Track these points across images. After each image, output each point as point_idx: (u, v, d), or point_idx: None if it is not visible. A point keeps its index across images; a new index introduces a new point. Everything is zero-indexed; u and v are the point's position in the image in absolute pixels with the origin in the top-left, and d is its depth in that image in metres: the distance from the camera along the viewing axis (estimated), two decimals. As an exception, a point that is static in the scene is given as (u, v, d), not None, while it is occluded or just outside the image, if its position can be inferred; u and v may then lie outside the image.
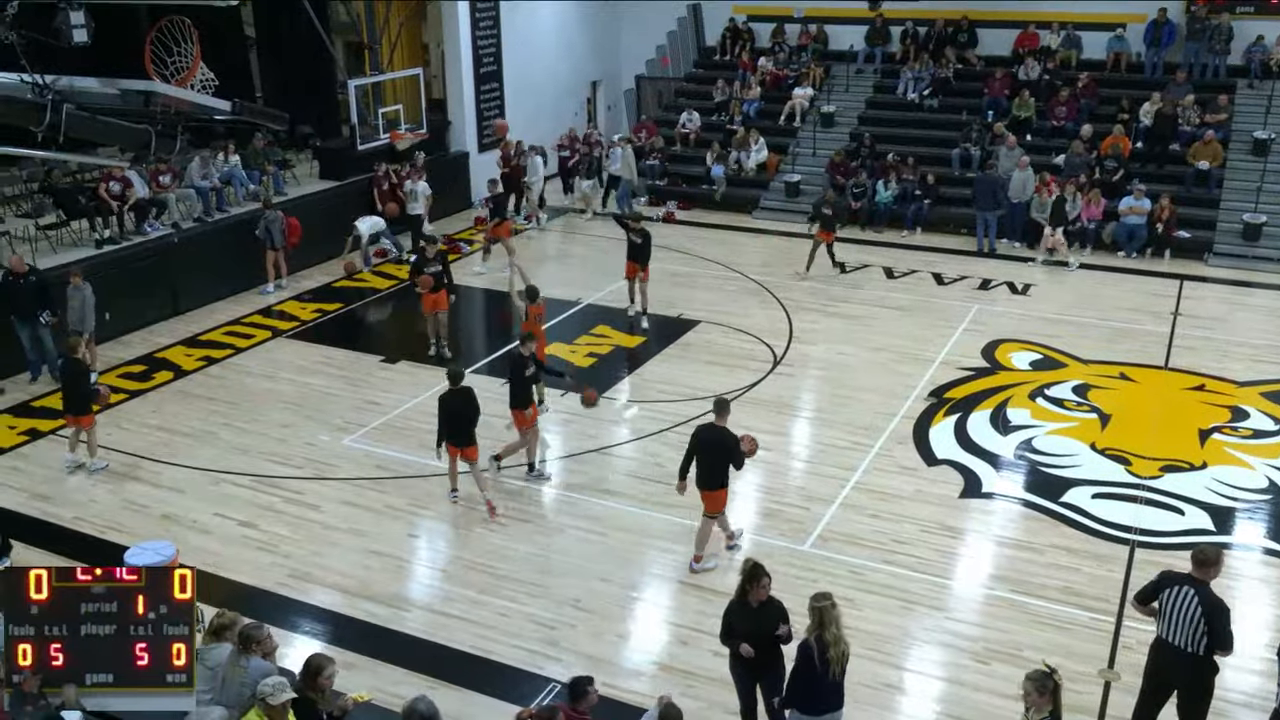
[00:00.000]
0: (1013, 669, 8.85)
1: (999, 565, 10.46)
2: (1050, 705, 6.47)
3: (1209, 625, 7.23)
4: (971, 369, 14.88)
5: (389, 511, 11.42)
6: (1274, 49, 22.38)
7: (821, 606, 7.05)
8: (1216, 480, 11.90)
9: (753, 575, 7.54)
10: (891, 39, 25.53)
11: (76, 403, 12.12)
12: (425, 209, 20.03)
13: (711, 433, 10.16)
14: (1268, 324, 16.82)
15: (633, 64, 28.64)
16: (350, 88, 20.60)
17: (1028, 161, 20.64)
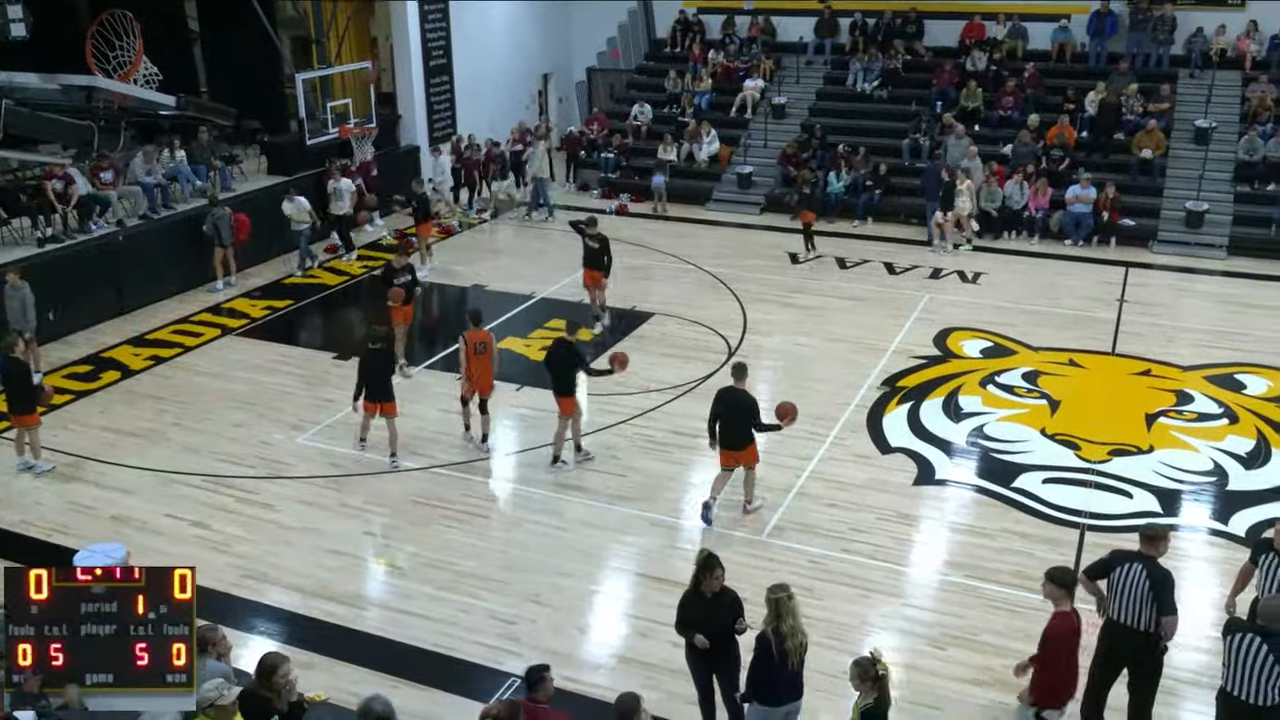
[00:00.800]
0: (969, 653, 9.01)
1: (953, 551, 10.60)
2: (875, 693, 6.71)
3: (1156, 595, 7.39)
4: (923, 357, 15.05)
5: (345, 510, 11.34)
6: (1214, 39, 22.83)
7: (778, 598, 7.11)
8: (1163, 463, 12.13)
9: (706, 565, 7.56)
10: (840, 31, 25.70)
11: (19, 403, 11.91)
12: (351, 207, 19.62)
13: (731, 394, 10.79)
14: (1211, 309, 17.17)
15: (584, 56, 28.58)
16: (298, 82, 20.35)
17: (976, 151, 20.89)
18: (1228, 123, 21.47)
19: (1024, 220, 20.54)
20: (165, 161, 18.65)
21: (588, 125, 25.65)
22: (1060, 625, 7.49)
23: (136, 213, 17.75)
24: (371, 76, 21.52)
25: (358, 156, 20.89)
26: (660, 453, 12.45)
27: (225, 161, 19.99)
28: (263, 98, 22.81)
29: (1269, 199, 19.89)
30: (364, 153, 20.99)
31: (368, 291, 17.84)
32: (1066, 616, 7.48)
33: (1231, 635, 7.04)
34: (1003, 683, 8.63)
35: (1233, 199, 20.33)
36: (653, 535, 10.78)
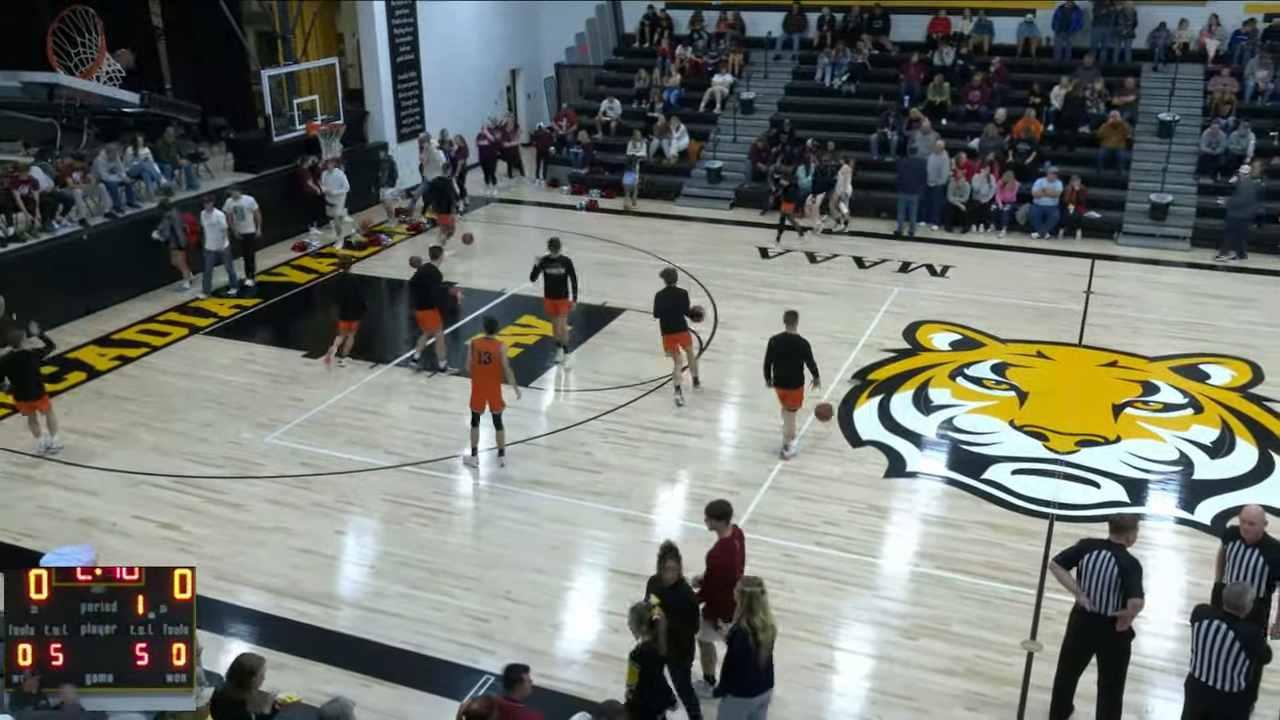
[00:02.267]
0: (941, 644, 9.07)
1: (924, 543, 10.67)
2: (649, 636, 7.07)
3: (1124, 580, 7.48)
4: (893, 351, 15.13)
5: (316, 509, 11.26)
6: (1176, 33, 23.08)
7: (751, 592, 7.12)
8: (1130, 453, 12.26)
9: (660, 556, 7.70)
10: (809, 26, 25.78)
11: (26, 391, 12.18)
12: (257, 226, 17.85)
13: (784, 340, 11.87)
14: (1176, 300, 17.37)
15: (552, 52, 28.52)
16: (264, 79, 20.18)
17: (943, 146, 21.01)
18: (1190, 116, 21.72)
19: (991, 213, 20.70)
20: (129, 159, 18.43)
21: (556, 121, 25.59)
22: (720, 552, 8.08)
23: (101, 211, 17.53)
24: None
25: (325, 153, 20.73)
26: (632, 449, 12.45)
27: (191, 159, 19.79)
28: (228, 95, 22.66)
29: (1230, 191, 20.11)
30: (332, 149, 20.84)
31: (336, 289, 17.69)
32: (727, 543, 8.12)
33: (1199, 622, 7.13)
34: (975, 672, 8.71)
35: (1196, 191, 20.57)
36: (625, 531, 10.78)
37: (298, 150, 20.49)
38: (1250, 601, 7.11)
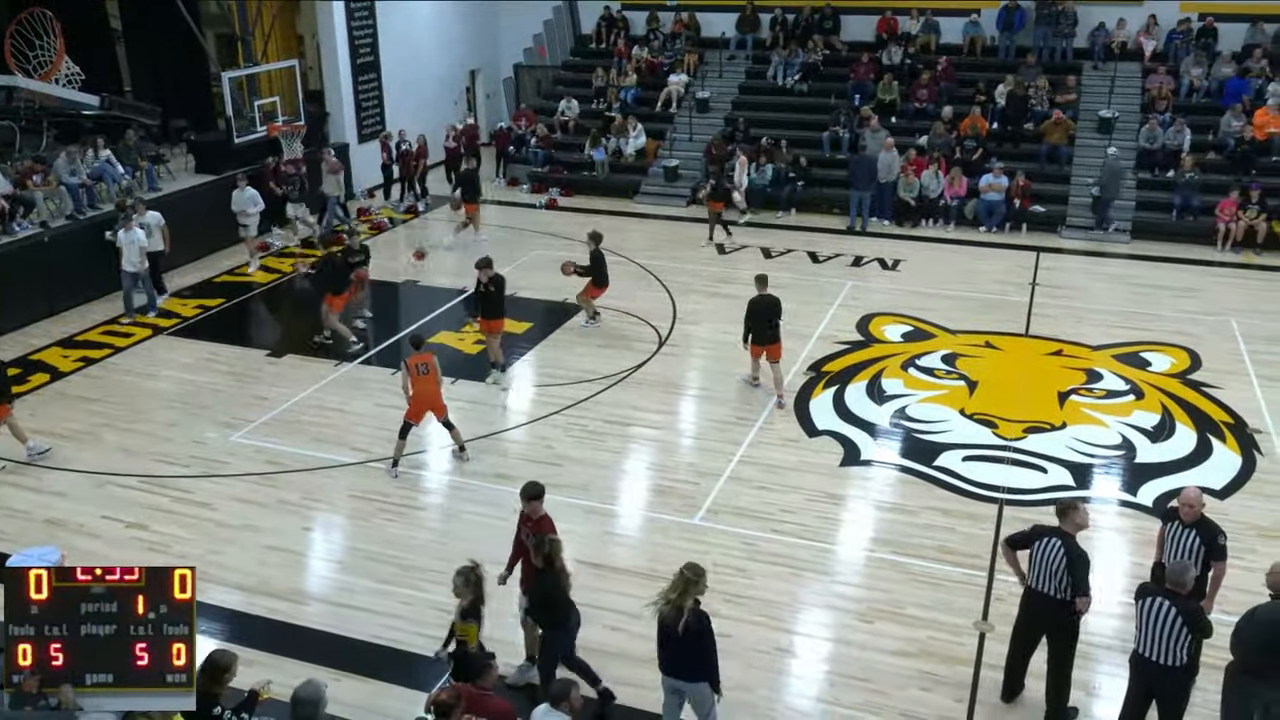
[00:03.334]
0: (896, 626, 9.17)
1: (879, 529, 10.78)
2: (472, 595, 7.45)
3: (1070, 574, 7.62)
4: (847, 343, 15.25)
5: (283, 506, 11.18)
6: (1115, 33, 23.42)
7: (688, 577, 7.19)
8: (1075, 439, 12.45)
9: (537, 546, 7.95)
10: (761, 26, 25.88)
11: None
12: (165, 244, 16.69)
13: (765, 300, 13.20)
14: (1117, 291, 17.64)
15: (511, 52, 28.41)
16: (224, 80, 19.94)
17: (893, 143, 21.19)
18: (1129, 113, 22.05)
19: (940, 208, 20.92)
20: (90, 162, 18.15)
21: (515, 121, 25.51)
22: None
23: (62, 213, 17.25)
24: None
25: (287, 154, 20.54)
26: (594, 442, 12.47)
27: (152, 161, 19.51)
28: (188, 96, 22.37)
29: (1168, 185, 20.48)
30: (293, 150, 20.64)
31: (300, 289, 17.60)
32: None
33: (1142, 600, 7.28)
34: (928, 653, 8.83)
35: (1135, 185, 20.89)
36: (588, 523, 10.80)
37: (260, 151, 20.26)
38: (1191, 579, 7.27)
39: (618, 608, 9.42)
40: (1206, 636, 7.19)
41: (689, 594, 7.13)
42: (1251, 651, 7.12)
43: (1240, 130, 20.67)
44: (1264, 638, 7.06)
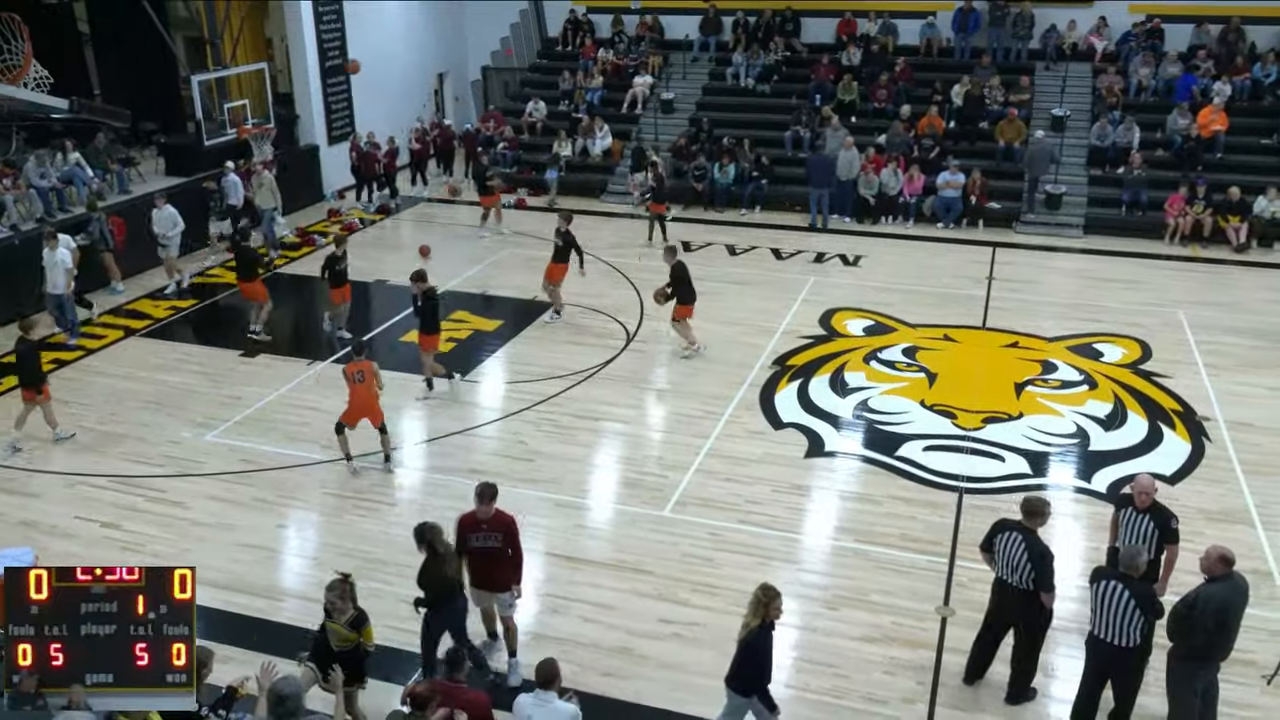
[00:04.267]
0: (861, 613, 9.22)
1: (843, 518, 10.83)
2: (352, 606, 7.38)
3: (1034, 569, 7.67)
4: (811, 337, 15.30)
5: (257, 504, 11.07)
6: (1066, 34, 23.64)
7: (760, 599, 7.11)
8: (1031, 428, 12.56)
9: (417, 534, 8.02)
10: (723, 28, 25.90)
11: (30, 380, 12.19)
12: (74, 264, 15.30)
13: (679, 269, 14.35)
14: (1070, 284, 17.82)
15: (478, 55, 28.28)
16: (193, 83, 19.69)
17: (853, 142, 21.27)
18: (1081, 111, 22.28)
19: (899, 205, 21.03)
20: (60, 165, 17.87)
21: (483, 123, 25.39)
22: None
23: (32, 216, 16.98)
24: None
25: (257, 156, 20.33)
26: (565, 436, 12.44)
27: (122, 164, 19.26)
28: (158, 99, 22.10)
29: (1118, 181, 20.71)
30: (263, 152, 20.44)
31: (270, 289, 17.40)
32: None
33: (1097, 583, 7.35)
34: (892, 639, 8.88)
35: (1087, 182, 21.11)
36: (560, 516, 10.78)
37: (229, 153, 20.04)
38: (1144, 563, 7.36)
39: (590, 599, 9.41)
40: (1159, 618, 7.27)
41: (760, 614, 7.05)
42: (1198, 636, 7.20)
43: (1186, 128, 20.93)
44: (1207, 622, 7.15)
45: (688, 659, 8.65)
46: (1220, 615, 7.15)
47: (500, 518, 8.21)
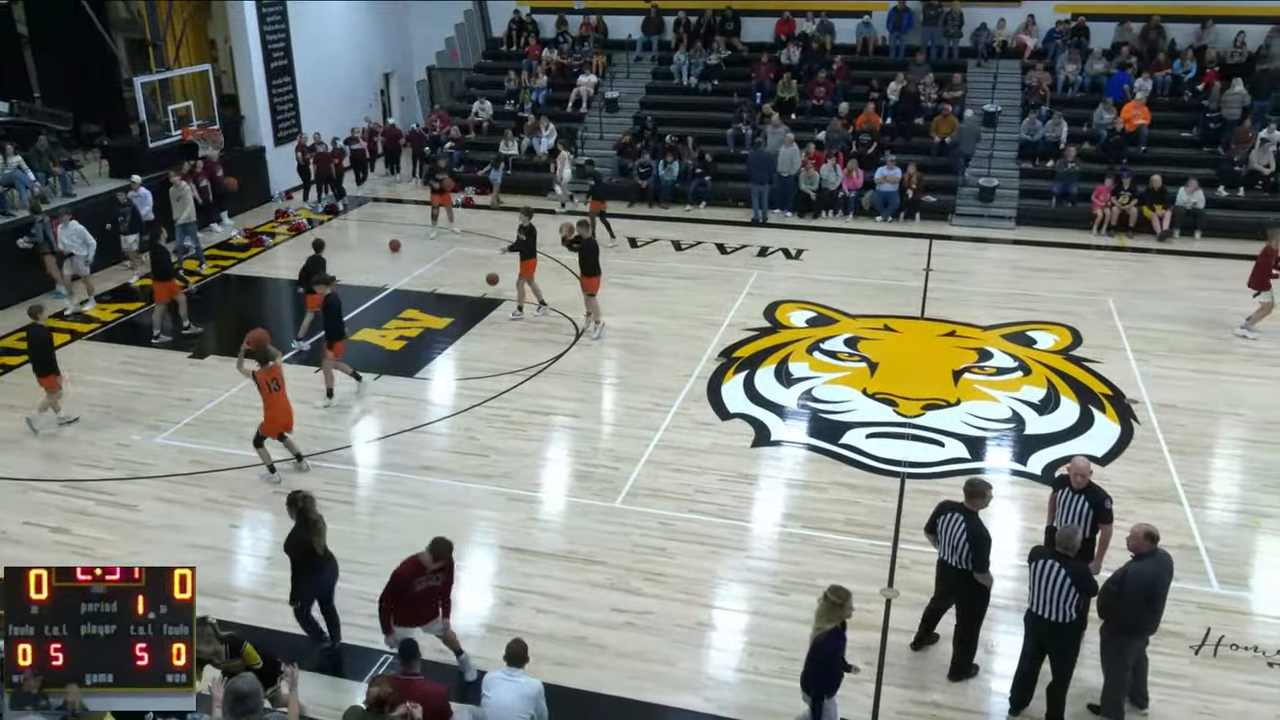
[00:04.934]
0: (809, 597, 9.21)
1: (790, 505, 10.90)
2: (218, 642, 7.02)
3: (971, 549, 7.79)
4: (755, 329, 15.37)
5: (208, 505, 10.87)
6: (996, 32, 23.97)
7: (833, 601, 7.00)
8: (969, 414, 12.73)
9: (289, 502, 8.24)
10: (666, 28, 25.91)
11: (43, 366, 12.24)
12: None
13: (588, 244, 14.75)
14: (1004, 274, 18.09)
15: (423, 55, 28.01)
16: (136, 85, 19.26)
17: (793, 139, 21.39)
18: (1011, 107, 22.61)
19: (839, 200, 21.20)
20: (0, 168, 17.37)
21: (430, 122, 25.16)
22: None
23: (-27, 220, 16.51)
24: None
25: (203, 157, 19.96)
26: (517, 431, 12.38)
27: (65, 166, 18.79)
28: (100, 101, 21.58)
29: (1048, 174, 21.05)
30: (209, 154, 20.06)
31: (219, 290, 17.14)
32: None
33: (1034, 562, 7.48)
34: (839, 621, 8.94)
35: (1018, 175, 21.44)
36: (513, 510, 10.72)
37: (174, 155, 19.64)
38: (1079, 542, 7.49)
39: (544, 590, 9.38)
40: (1093, 596, 7.41)
41: (834, 617, 6.95)
42: (1127, 611, 7.36)
43: (1111, 122, 21.33)
44: (1136, 598, 7.31)
45: (642, 647, 8.65)
46: (1148, 590, 7.33)
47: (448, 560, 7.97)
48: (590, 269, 14.80)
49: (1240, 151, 20.45)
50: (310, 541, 8.17)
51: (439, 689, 6.83)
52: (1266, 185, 20.01)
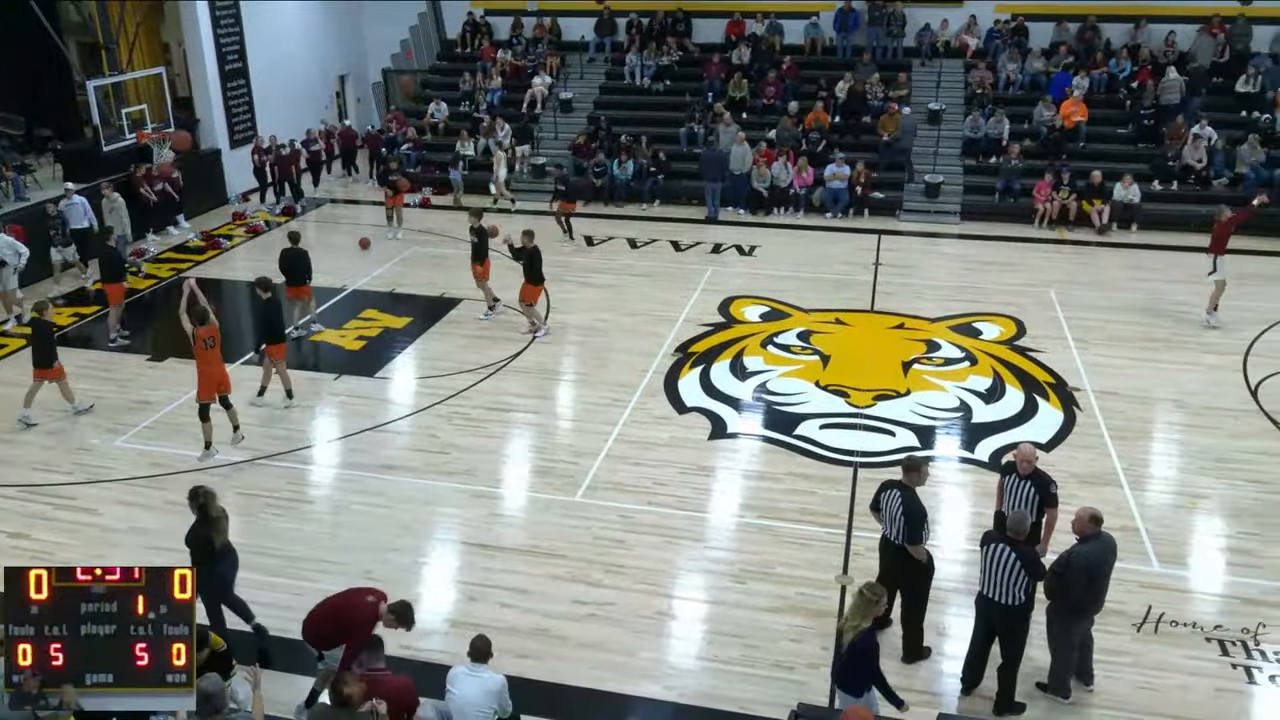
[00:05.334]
0: (766, 584, 9.35)
1: (747, 495, 10.95)
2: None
3: (905, 523, 7.91)
4: (711, 325, 15.42)
5: (170, 508, 10.66)
6: (939, 32, 24.22)
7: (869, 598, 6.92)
8: (919, 404, 12.87)
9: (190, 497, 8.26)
10: (618, 29, 25.88)
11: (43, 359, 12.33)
12: None
13: (533, 253, 14.63)
14: (950, 268, 18.31)
15: (378, 57, 27.75)
16: (89, 89, 18.89)
17: (744, 137, 21.48)
18: (955, 105, 22.87)
19: (790, 197, 21.31)
20: (-50, 174, 16.98)
21: (386, 123, 24.94)
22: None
23: (-76, 226, 16.08)
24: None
25: (158, 160, 19.63)
26: (477, 429, 12.32)
27: (18, 171, 18.38)
28: (53, 105, 21.16)
29: (991, 170, 21.33)
30: (164, 157, 19.74)
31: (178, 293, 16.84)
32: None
33: (985, 546, 7.59)
34: (796, 608, 9.02)
35: (963, 171, 21.69)
36: (474, 506, 10.68)
37: (129, 159, 19.30)
38: (1029, 527, 7.61)
39: (507, 585, 9.36)
40: (1042, 579, 7.53)
41: (869, 614, 6.89)
42: (1072, 592, 7.50)
43: (1051, 120, 21.66)
44: (1081, 580, 7.46)
45: (603, 637, 8.66)
46: (1092, 572, 7.47)
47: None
48: (534, 277, 14.75)
49: (1174, 147, 20.85)
50: (210, 537, 8.19)
51: (406, 682, 6.80)
52: (1198, 179, 20.43)
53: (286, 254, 14.91)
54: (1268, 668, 8.28)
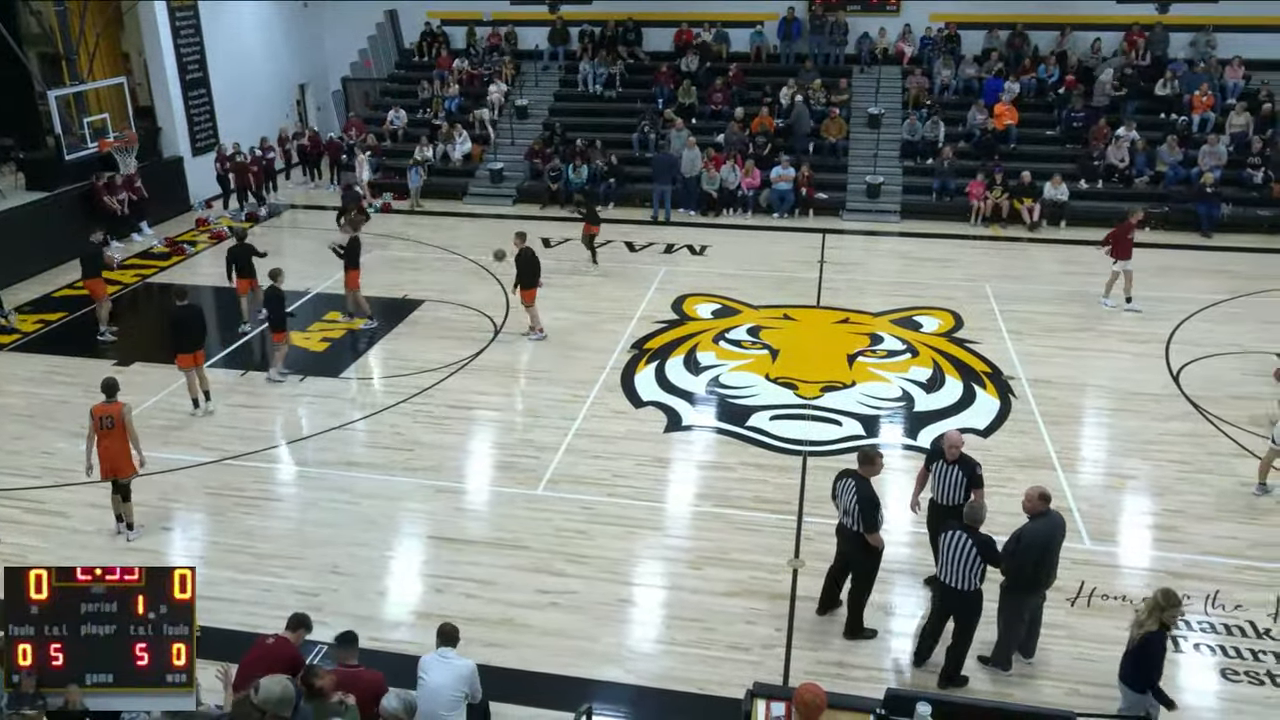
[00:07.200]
0: (722, 570, 9.38)
1: (702, 485, 10.98)
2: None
3: (860, 512, 7.96)
4: (665, 322, 15.44)
5: (139, 508, 10.45)
6: (878, 40, 24.43)
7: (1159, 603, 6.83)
8: (864, 394, 12.99)
9: None
10: (571, 38, 25.78)
11: None
12: None
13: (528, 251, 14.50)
14: (892, 264, 18.47)
15: (338, 66, 27.38)
16: (50, 98, 18.45)
17: (694, 141, 21.51)
18: (893, 110, 23.08)
19: (738, 199, 21.39)
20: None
21: (345, 131, 24.63)
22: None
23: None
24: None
25: (123, 169, 19.22)
26: (440, 426, 12.23)
27: (-21, 180, 17.92)
28: (13, 115, 20.60)
29: (928, 171, 21.57)
30: (128, 165, 19.33)
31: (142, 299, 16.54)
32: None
33: (944, 534, 7.66)
34: (751, 591, 9.06)
35: (902, 172, 21.91)
36: (439, 501, 10.60)
37: (91, 167, 18.87)
38: (984, 516, 7.67)
39: (472, 576, 9.30)
40: (998, 566, 7.62)
41: (1156, 616, 6.79)
42: (1025, 569, 7.61)
43: (984, 122, 21.94)
44: (1033, 556, 7.56)
45: (566, 625, 8.64)
46: (1043, 549, 7.57)
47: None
48: (529, 280, 14.62)
49: (1098, 148, 21.23)
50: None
51: (377, 676, 6.73)
52: (1122, 178, 20.83)
53: (234, 250, 15.08)
54: (1192, 636, 8.47)
